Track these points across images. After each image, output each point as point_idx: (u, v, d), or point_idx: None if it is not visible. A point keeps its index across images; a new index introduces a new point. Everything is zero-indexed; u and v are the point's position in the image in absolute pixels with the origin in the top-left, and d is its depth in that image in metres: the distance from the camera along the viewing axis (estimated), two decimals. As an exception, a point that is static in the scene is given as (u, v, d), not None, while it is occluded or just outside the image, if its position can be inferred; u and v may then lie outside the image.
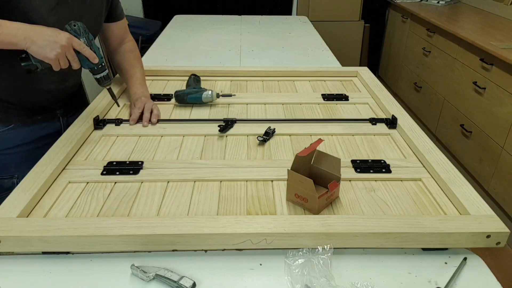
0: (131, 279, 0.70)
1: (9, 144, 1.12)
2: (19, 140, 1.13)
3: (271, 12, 3.51)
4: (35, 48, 0.89)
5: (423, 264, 0.74)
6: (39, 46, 0.89)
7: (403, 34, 3.39)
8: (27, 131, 1.14)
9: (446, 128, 2.71)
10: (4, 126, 1.11)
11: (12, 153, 1.12)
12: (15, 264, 0.74)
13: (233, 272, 0.73)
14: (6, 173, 1.12)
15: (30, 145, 1.14)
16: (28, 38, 0.89)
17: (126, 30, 1.36)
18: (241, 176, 0.93)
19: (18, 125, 1.13)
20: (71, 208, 0.83)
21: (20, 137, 1.14)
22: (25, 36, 0.88)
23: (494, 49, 2.11)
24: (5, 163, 1.10)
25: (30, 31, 0.89)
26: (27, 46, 0.89)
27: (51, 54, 0.90)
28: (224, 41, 2.17)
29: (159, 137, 1.11)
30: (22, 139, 1.14)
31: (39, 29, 0.90)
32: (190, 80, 1.37)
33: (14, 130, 1.12)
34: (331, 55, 1.96)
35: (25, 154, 1.12)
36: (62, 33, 0.92)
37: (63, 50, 0.91)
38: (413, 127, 1.12)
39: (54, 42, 0.90)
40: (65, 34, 0.92)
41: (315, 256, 0.71)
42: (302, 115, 1.25)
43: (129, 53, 1.34)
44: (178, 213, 0.82)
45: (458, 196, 0.84)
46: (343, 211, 0.83)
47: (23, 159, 1.08)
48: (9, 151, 1.12)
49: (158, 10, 3.65)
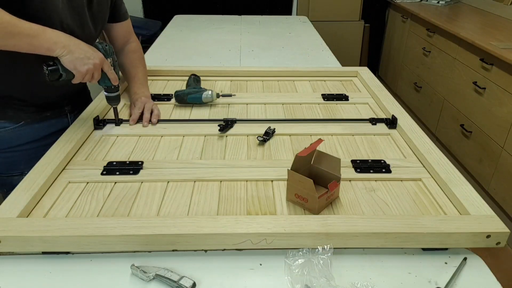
0: (131, 279, 0.70)
1: (19, 141, 1.14)
2: (29, 137, 1.15)
3: (271, 12, 3.51)
4: (70, 58, 0.94)
5: (423, 264, 0.74)
6: (74, 57, 0.94)
7: (403, 34, 3.39)
8: (36, 128, 1.16)
9: (446, 128, 2.71)
10: (14, 123, 1.12)
11: (22, 150, 1.14)
12: (15, 264, 0.74)
13: (233, 272, 0.73)
14: (16, 170, 1.13)
15: (39, 142, 1.14)
16: (67, 47, 0.93)
17: (131, 30, 1.37)
18: (241, 176, 0.93)
19: (27, 122, 1.14)
20: (71, 208, 0.83)
21: (30, 134, 1.15)
22: (65, 45, 0.93)
23: (494, 49, 2.11)
24: (15, 160, 1.11)
25: (70, 41, 0.94)
26: (63, 54, 0.93)
27: (83, 68, 0.95)
28: (224, 41, 2.17)
29: (159, 137, 1.11)
30: (32, 136, 1.15)
31: (77, 41, 0.96)
32: (190, 80, 1.37)
33: (24, 127, 1.14)
34: (331, 55, 1.96)
35: (35, 151, 1.13)
36: (98, 52, 0.99)
37: (94, 67, 0.97)
38: (413, 127, 1.12)
39: (88, 58, 0.95)
40: (99, 54, 0.99)
41: (315, 256, 0.71)
42: (302, 115, 1.25)
43: (132, 53, 1.34)
44: (178, 213, 0.82)
45: (458, 196, 0.84)
46: (343, 211, 0.83)
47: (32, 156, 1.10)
48: (19, 148, 1.14)
49: (158, 10, 3.65)
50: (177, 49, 2.02)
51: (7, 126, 1.11)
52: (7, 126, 1.11)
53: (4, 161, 1.15)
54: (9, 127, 1.12)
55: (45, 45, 0.92)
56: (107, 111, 1.24)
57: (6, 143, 1.13)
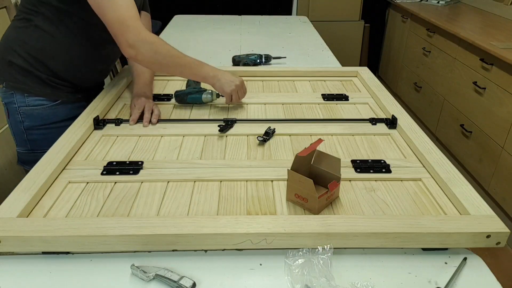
0: (131, 279, 0.70)
1: (55, 118, 1.23)
2: (64, 115, 1.24)
3: (271, 12, 3.51)
4: (219, 84, 1.19)
5: (423, 264, 0.74)
6: (222, 83, 1.19)
7: (403, 34, 3.39)
8: (70, 107, 1.25)
9: (446, 128, 2.71)
10: (51, 101, 1.21)
11: (57, 127, 1.19)
12: (15, 264, 0.74)
13: (233, 272, 0.73)
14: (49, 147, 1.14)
15: (73, 120, 1.16)
16: (216, 76, 1.19)
17: (149, 26, 1.41)
18: (241, 176, 0.93)
19: (64, 101, 1.23)
20: (71, 208, 0.83)
21: (65, 113, 1.24)
22: (214, 75, 1.19)
23: (494, 49, 2.11)
24: (50, 137, 1.13)
25: (217, 71, 1.20)
26: (214, 82, 1.19)
27: (229, 90, 1.20)
28: (224, 41, 2.17)
29: (159, 137, 1.11)
30: (66, 114, 1.24)
31: (222, 71, 1.21)
32: (190, 80, 1.37)
33: (60, 106, 1.23)
34: (331, 55, 1.96)
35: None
36: (238, 77, 1.23)
37: (237, 88, 1.21)
38: (413, 127, 1.12)
39: (231, 82, 1.20)
40: (240, 78, 1.23)
41: (315, 256, 0.71)
42: (302, 115, 1.25)
43: None
44: (178, 213, 0.82)
45: (458, 196, 0.84)
46: (343, 211, 0.83)
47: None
48: (54, 125, 1.22)
49: (158, 10, 3.65)
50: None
51: (45, 104, 1.20)
52: (45, 104, 1.20)
53: (40, 138, 1.23)
54: (47, 104, 1.21)
55: (200, 75, 1.19)
56: (107, 111, 1.24)
57: (43, 120, 1.22)
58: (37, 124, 1.21)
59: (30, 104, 1.19)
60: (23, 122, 1.21)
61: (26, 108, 1.19)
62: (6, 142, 1.89)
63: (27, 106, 1.19)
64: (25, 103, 1.18)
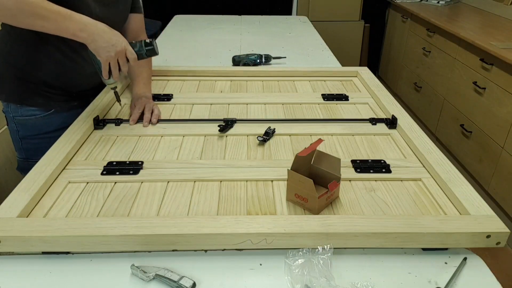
0: (131, 279, 0.70)
1: (49, 128, 1.21)
2: (58, 125, 1.21)
3: (271, 12, 3.51)
4: (94, 46, 0.97)
5: (423, 264, 0.74)
6: (98, 46, 0.97)
7: (403, 34, 3.39)
8: (65, 116, 1.22)
9: (446, 128, 2.71)
10: (44, 111, 1.20)
11: (50, 137, 1.16)
12: (15, 264, 0.74)
13: (233, 272, 0.73)
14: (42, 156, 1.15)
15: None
16: (91, 35, 0.95)
17: (143, 27, 1.39)
18: (241, 176, 0.93)
19: (57, 110, 1.21)
20: (71, 208, 0.83)
21: (59, 122, 1.21)
22: (89, 33, 0.95)
23: (494, 49, 2.11)
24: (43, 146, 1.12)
25: (95, 29, 0.96)
26: (88, 42, 0.96)
27: (104, 55, 0.98)
28: (224, 41, 2.17)
29: (159, 137, 1.11)
30: (60, 123, 1.20)
31: (102, 29, 0.97)
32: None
33: (54, 115, 1.21)
34: (331, 55, 1.96)
35: None
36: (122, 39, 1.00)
37: (116, 55, 0.99)
38: (413, 127, 1.12)
39: (112, 46, 0.97)
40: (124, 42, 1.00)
41: (315, 256, 0.71)
42: (302, 115, 1.25)
43: None
44: (178, 213, 0.82)
45: (458, 196, 0.84)
46: (343, 211, 0.83)
47: None
48: (48, 135, 1.19)
49: (158, 10, 3.65)
50: (177, 49, 2.02)
51: (37, 114, 1.19)
52: (37, 114, 1.19)
53: (33, 147, 1.21)
54: (40, 114, 1.19)
55: (70, 31, 0.94)
56: (107, 111, 1.24)
57: (36, 129, 1.20)
58: (31, 133, 1.21)
59: (23, 114, 1.18)
60: (18, 132, 1.21)
61: (20, 118, 1.19)
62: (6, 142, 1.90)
63: (21, 116, 1.18)
64: (18, 113, 1.18)
